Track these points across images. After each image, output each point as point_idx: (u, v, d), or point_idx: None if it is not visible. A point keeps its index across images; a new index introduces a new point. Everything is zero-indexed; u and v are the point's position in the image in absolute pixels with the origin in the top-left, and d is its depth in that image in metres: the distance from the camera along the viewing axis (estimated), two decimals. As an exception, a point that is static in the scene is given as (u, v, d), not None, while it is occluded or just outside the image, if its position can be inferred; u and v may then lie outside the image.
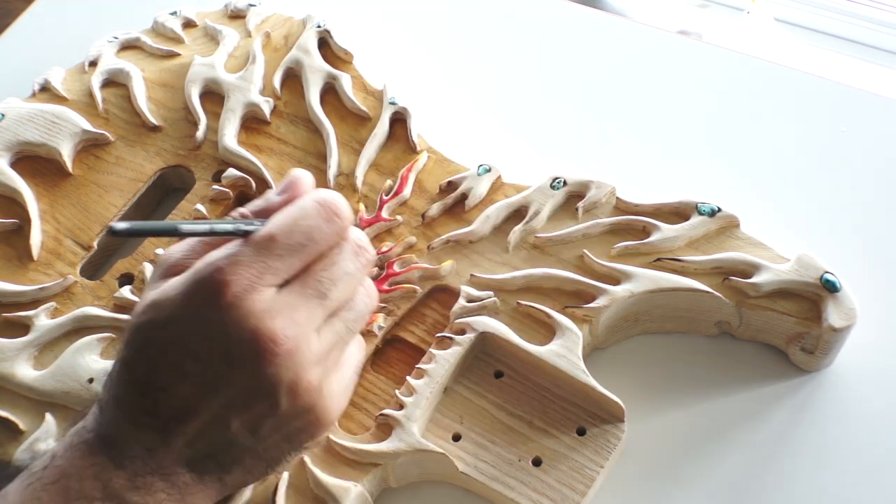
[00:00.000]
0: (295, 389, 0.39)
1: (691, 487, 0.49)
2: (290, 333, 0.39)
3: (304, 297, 0.40)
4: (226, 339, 0.38)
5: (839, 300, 0.49)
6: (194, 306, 0.38)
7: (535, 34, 0.70)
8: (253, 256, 0.39)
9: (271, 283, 0.39)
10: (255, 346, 0.38)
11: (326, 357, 0.41)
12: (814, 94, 0.64)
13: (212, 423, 0.39)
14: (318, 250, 0.40)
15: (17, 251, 0.59)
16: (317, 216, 0.40)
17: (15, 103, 0.64)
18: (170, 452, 0.40)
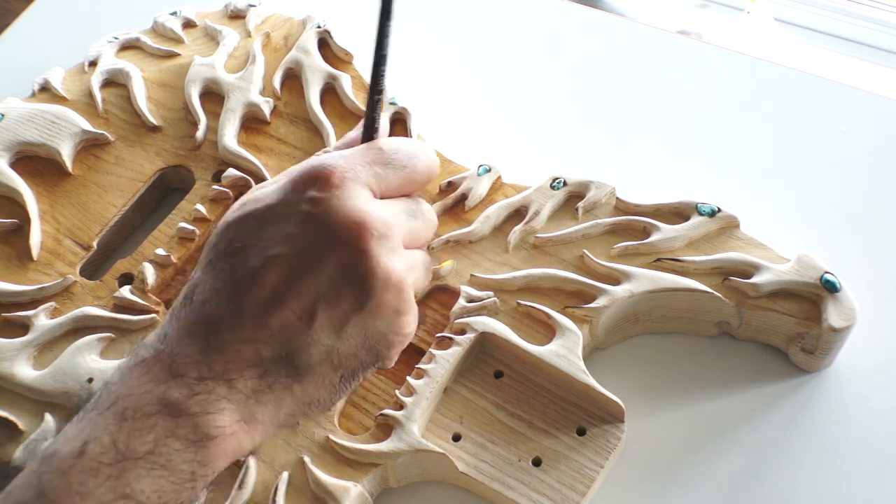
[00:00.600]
0: (388, 277, 0.40)
1: (691, 487, 0.49)
2: (392, 221, 0.41)
3: (398, 209, 0.42)
4: (327, 216, 0.39)
5: (839, 300, 0.49)
6: (299, 189, 0.40)
7: (535, 34, 0.70)
8: (360, 156, 0.42)
9: (372, 185, 0.41)
10: (356, 223, 0.39)
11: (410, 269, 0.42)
12: (814, 94, 0.64)
13: (298, 313, 0.38)
14: (412, 178, 0.43)
15: (17, 251, 0.59)
16: (418, 147, 0.44)
17: (15, 103, 0.64)
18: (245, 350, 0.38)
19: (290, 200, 0.40)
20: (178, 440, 0.37)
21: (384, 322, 0.41)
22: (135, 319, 0.54)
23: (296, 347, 0.39)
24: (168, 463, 0.37)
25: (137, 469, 0.36)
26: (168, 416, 0.37)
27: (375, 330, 0.41)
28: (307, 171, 0.41)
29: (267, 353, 0.38)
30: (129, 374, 0.38)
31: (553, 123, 0.65)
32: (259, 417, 0.39)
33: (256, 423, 0.39)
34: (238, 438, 0.39)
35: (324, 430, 0.49)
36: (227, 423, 0.38)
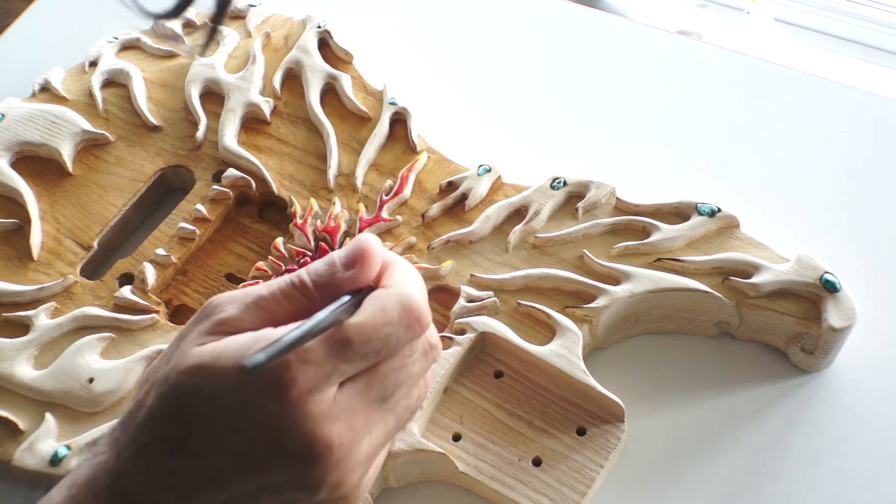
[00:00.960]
0: (337, 487, 0.38)
1: (691, 487, 0.49)
2: (346, 440, 0.37)
3: (365, 402, 0.38)
4: (278, 433, 0.36)
5: (839, 300, 0.49)
6: (252, 392, 0.36)
7: (535, 34, 0.70)
8: (325, 358, 0.37)
9: (335, 383, 0.37)
10: (308, 448, 0.36)
11: (373, 455, 0.39)
12: (814, 94, 0.64)
13: (241, 497, 0.37)
14: (389, 356, 0.38)
15: (17, 251, 0.59)
16: (398, 324, 0.38)
17: (15, 103, 0.64)
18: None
19: (243, 400, 0.36)
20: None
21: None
22: (135, 319, 0.54)
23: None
24: None
25: None
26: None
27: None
28: (265, 374, 0.36)
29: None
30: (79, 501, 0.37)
31: (553, 123, 0.65)
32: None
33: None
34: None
35: (324, 430, 0.49)
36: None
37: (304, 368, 0.36)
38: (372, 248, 0.39)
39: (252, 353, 0.35)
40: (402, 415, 0.40)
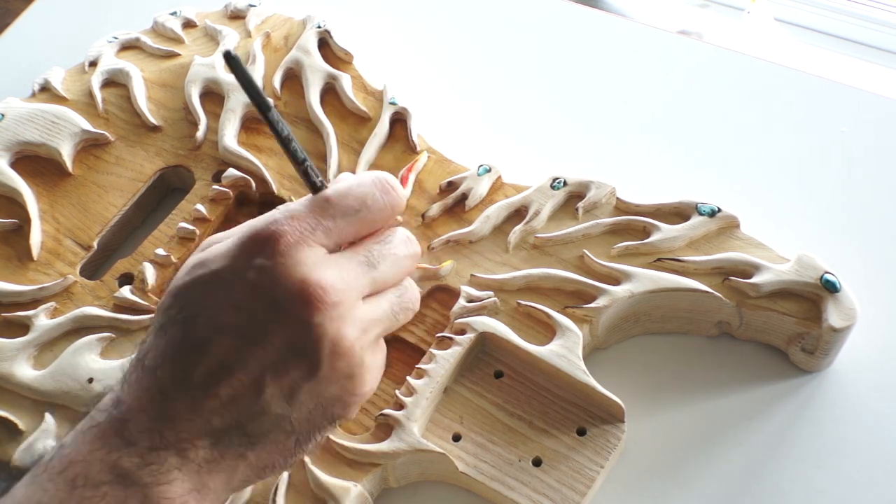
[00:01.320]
0: (337, 347, 0.39)
1: (691, 487, 0.49)
2: (340, 286, 0.39)
3: (353, 262, 0.41)
4: (274, 287, 0.38)
5: (839, 300, 0.49)
6: (245, 255, 0.39)
7: (535, 34, 0.70)
8: (307, 213, 0.40)
9: (323, 242, 0.40)
10: (303, 293, 0.38)
11: (368, 328, 0.41)
12: (814, 94, 0.64)
13: (246, 384, 0.38)
14: (371, 219, 0.41)
15: (17, 251, 0.59)
16: (371, 185, 0.42)
17: (15, 103, 0.64)
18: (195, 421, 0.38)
19: (236, 268, 0.38)
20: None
21: (337, 387, 0.40)
22: (135, 319, 0.54)
23: (246, 417, 0.38)
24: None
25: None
26: (119, 486, 0.37)
27: (329, 395, 0.40)
28: (253, 235, 0.39)
29: (218, 422, 0.38)
30: (82, 439, 0.38)
31: (553, 123, 0.65)
32: (211, 485, 0.39)
33: (208, 491, 0.39)
34: None
35: (324, 430, 0.49)
36: (177, 494, 0.38)
37: (289, 221, 0.39)
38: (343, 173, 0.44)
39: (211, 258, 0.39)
40: (396, 302, 0.43)
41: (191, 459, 0.38)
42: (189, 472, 0.38)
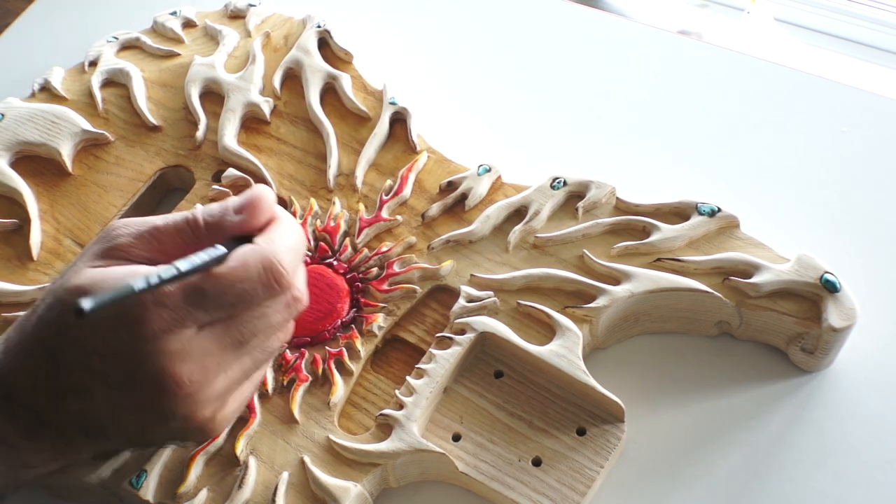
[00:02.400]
0: (187, 420, 0.41)
1: (691, 487, 0.49)
2: (196, 378, 0.40)
3: (221, 346, 0.40)
4: (133, 365, 0.39)
5: (839, 300, 0.49)
6: (114, 325, 0.39)
7: (535, 34, 0.70)
8: (180, 303, 0.39)
9: (190, 327, 0.39)
10: (158, 382, 0.39)
11: (228, 392, 0.42)
12: (814, 94, 0.64)
13: (106, 409, 0.40)
14: (246, 308, 0.40)
15: (17, 251, 0.59)
16: (256, 281, 0.40)
17: (15, 103, 0.64)
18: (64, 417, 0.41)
19: (105, 328, 0.39)
20: None
21: (190, 434, 0.42)
22: (135, 319, 0.54)
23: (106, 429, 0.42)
24: None
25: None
26: None
27: (181, 437, 0.43)
28: (125, 311, 0.38)
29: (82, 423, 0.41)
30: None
31: (553, 123, 0.65)
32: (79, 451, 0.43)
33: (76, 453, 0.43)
34: (55, 464, 0.43)
35: (324, 430, 0.49)
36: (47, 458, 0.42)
37: (158, 310, 0.38)
38: (263, 198, 0.42)
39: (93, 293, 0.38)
40: (260, 356, 0.43)
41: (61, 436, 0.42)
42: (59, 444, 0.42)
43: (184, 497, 0.48)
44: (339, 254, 0.55)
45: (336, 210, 0.57)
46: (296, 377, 0.51)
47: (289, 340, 0.45)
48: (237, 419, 0.50)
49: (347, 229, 0.56)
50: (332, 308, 0.53)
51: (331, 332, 0.53)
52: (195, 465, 0.49)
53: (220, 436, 0.49)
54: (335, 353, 0.52)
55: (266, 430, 0.50)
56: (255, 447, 0.49)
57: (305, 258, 0.55)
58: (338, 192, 0.58)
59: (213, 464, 0.49)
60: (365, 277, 0.54)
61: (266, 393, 0.51)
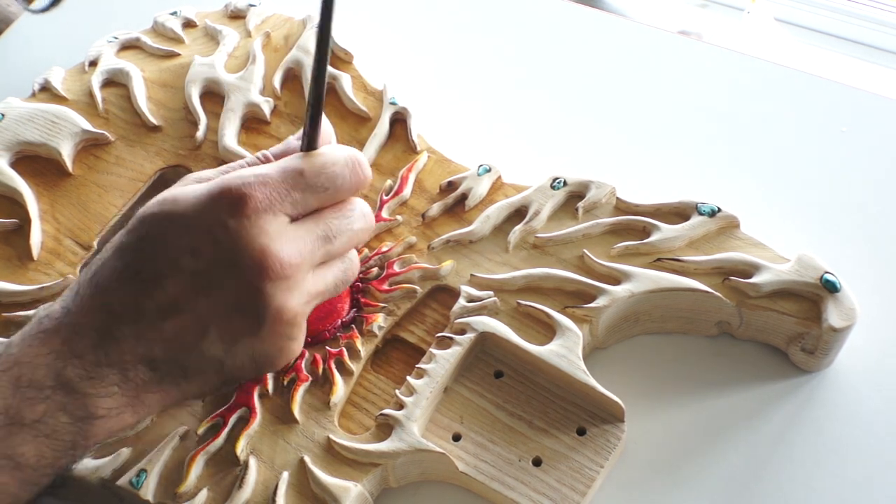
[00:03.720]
0: (280, 314, 0.41)
1: (691, 487, 0.49)
2: (293, 261, 0.41)
3: (313, 235, 0.42)
4: (234, 247, 0.40)
5: (839, 300, 0.49)
6: (213, 208, 0.40)
7: (535, 34, 0.70)
8: (279, 182, 0.41)
9: (288, 212, 0.41)
10: (260, 262, 0.40)
11: (311, 299, 0.44)
12: (814, 94, 0.64)
13: (191, 326, 0.41)
14: (337, 196, 0.43)
15: (17, 251, 0.59)
16: (344, 165, 0.43)
17: (15, 103, 0.64)
18: (138, 347, 0.41)
19: (203, 217, 0.41)
20: (66, 414, 0.40)
21: (273, 347, 0.43)
22: (135, 319, 0.54)
23: (186, 354, 0.42)
24: (53, 433, 0.39)
25: (23, 434, 0.39)
26: (61, 392, 0.40)
27: (263, 352, 0.43)
28: (225, 190, 0.41)
29: (159, 353, 0.41)
30: (29, 342, 0.40)
31: (553, 123, 0.65)
32: (146, 402, 0.43)
33: (143, 406, 0.42)
34: (123, 418, 0.42)
35: (324, 430, 0.49)
36: (114, 406, 0.41)
37: (260, 188, 0.41)
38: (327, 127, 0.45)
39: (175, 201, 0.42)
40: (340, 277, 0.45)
41: (130, 379, 0.41)
42: (127, 389, 0.41)
43: (184, 497, 0.48)
44: (339, 254, 0.55)
45: (336, 210, 0.57)
46: (296, 377, 0.51)
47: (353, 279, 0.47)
48: (237, 419, 0.50)
49: (347, 229, 0.56)
50: (333, 308, 0.53)
51: (331, 332, 0.53)
52: (195, 465, 0.49)
53: (221, 435, 0.49)
54: (335, 353, 0.52)
55: (266, 430, 0.50)
56: (256, 447, 0.49)
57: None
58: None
59: (213, 464, 0.49)
60: (365, 277, 0.54)
61: (266, 393, 0.51)
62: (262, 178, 0.41)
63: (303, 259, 0.42)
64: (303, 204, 0.42)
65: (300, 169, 0.42)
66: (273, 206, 0.41)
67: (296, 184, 0.42)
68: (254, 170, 0.42)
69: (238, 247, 0.40)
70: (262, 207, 0.40)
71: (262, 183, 0.41)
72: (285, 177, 0.42)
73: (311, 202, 0.43)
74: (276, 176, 0.42)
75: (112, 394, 0.41)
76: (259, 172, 0.41)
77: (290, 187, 0.42)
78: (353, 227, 0.44)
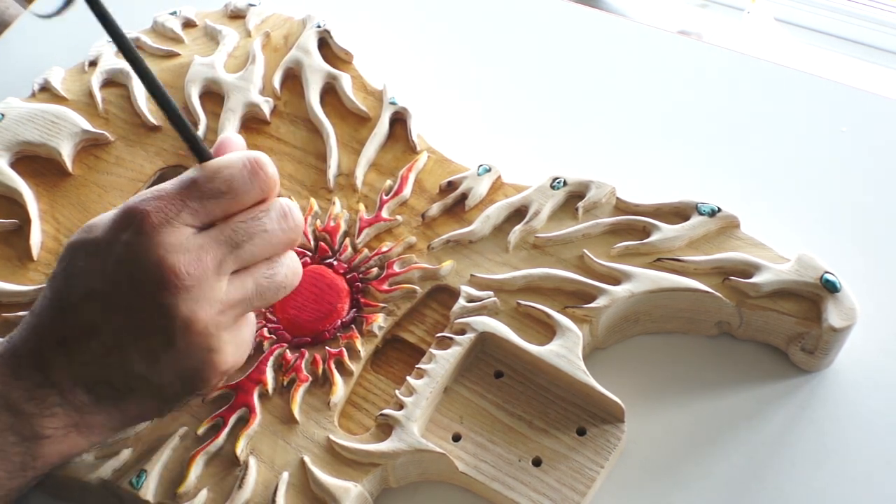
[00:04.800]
0: (189, 326, 0.41)
1: (691, 487, 0.49)
2: (193, 271, 0.41)
3: (216, 242, 0.42)
4: (134, 264, 0.41)
5: (839, 300, 0.49)
6: (115, 229, 0.41)
7: (535, 34, 0.70)
8: (174, 194, 0.41)
9: (189, 223, 0.41)
10: (157, 275, 0.40)
11: (229, 308, 0.43)
12: (814, 94, 0.64)
13: (111, 346, 0.41)
14: (239, 200, 0.43)
15: (17, 251, 0.59)
16: (240, 167, 0.42)
17: (15, 103, 0.64)
18: (70, 369, 0.42)
19: (109, 239, 0.42)
20: (13, 434, 0.42)
21: (195, 361, 0.43)
22: (135, 319, 0.54)
23: (113, 374, 0.42)
24: (2, 453, 0.41)
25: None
26: (7, 413, 0.41)
27: (187, 367, 0.43)
28: (125, 211, 0.42)
29: (88, 374, 0.42)
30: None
31: (553, 123, 0.65)
32: (91, 423, 0.43)
33: (89, 428, 0.43)
34: (72, 439, 0.43)
35: (324, 430, 0.49)
36: (59, 426, 0.42)
37: (155, 203, 0.41)
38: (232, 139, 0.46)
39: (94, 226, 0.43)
40: (265, 286, 0.44)
41: (70, 401, 0.42)
42: (69, 409, 0.42)
43: (184, 497, 0.48)
44: (339, 254, 0.55)
45: (336, 210, 0.57)
46: (296, 377, 0.51)
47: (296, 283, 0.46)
48: (237, 420, 0.50)
49: (347, 229, 0.56)
50: (332, 308, 0.53)
51: (331, 332, 0.53)
52: (195, 465, 0.49)
53: (221, 435, 0.49)
54: (335, 353, 0.52)
55: (266, 431, 0.50)
56: (256, 447, 0.49)
57: (305, 259, 0.55)
58: (338, 192, 0.58)
59: (213, 464, 0.49)
60: (365, 277, 0.54)
61: (266, 393, 0.51)
62: (158, 193, 0.42)
63: (205, 268, 0.41)
64: (203, 212, 0.42)
65: (193, 178, 0.42)
66: (170, 218, 0.41)
67: (190, 193, 0.42)
68: (155, 188, 0.42)
69: (136, 262, 0.41)
70: (159, 221, 0.41)
71: (157, 198, 0.41)
72: (180, 187, 0.42)
73: (213, 209, 0.42)
74: (171, 188, 0.42)
75: (55, 414, 0.42)
76: (156, 188, 0.42)
77: (184, 197, 0.41)
78: (265, 227, 0.43)
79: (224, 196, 0.42)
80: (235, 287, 0.43)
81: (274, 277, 0.44)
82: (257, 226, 0.43)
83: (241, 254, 0.42)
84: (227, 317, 0.43)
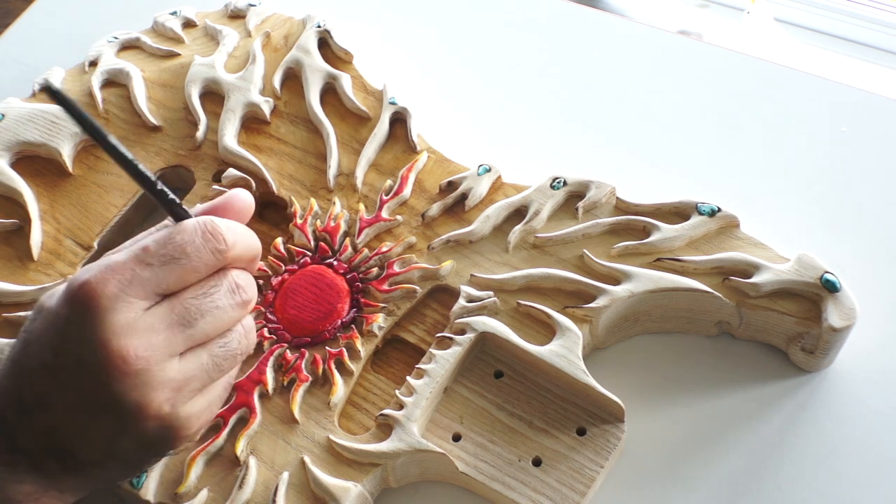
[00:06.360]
0: (141, 412, 0.39)
1: (691, 487, 0.49)
2: (143, 354, 0.39)
3: (166, 322, 0.40)
4: (80, 346, 0.39)
5: (839, 300, 0.49)
6: (64, 305, 0.39)
7: (535, 34, 0.70)
8: (124, 264, 0.39)
9: (139, 296, 0.39)
10: (104, 358, 0.38)
11: (185, 385, 0.40)
12: (814, 94, 0.64)
13: (66, 421, 0.40)
14: (192, 267, 0.40)
15: (17, 251, 0.59)
16: (192, 233, 0.40)
17: (15, 103, 0.64)
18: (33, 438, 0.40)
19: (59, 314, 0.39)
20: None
21: (155, 437, 0.41)
22: (135, 319, 0.54)
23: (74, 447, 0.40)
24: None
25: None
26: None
27: (148, 441, 0.41)
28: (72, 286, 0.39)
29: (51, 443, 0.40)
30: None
31: (553, 123, 0.65)
32: (65, 488, 0.42)
33: (64, 491, 0.42)
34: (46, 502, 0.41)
35: (324, 430, 0.49)
36: (31, 491, 0.40)
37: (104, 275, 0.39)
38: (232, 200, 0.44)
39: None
40: (220, 353, 0.42)
41: (39, 468, 0.41)
42: (39, 476, 0.41)
43: (184, 497, 0.48)
44: (339, 254, 0.55)
45: (336, 210, 0.57)
46: (296, 377, 0.51)
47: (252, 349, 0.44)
48: (237, 420, 0.50)
49: (347, 229, 0.56)
50: (332, 308, 0.53)
51: (331, 332, 0.53)
52: (195, 465, 0.49)
53: (221, 435, 0.49)
54: (335, 353, 0.52)
55: (266, 431, 0.50)
56: (256, 447, 0.49)
57: (306, 258, 0.55)
58: (338, 192, 0.58)
59: (214, 464, 0.49)
60: (365, 277, 0.54)
61: (266, 393, 0.51)
62: (109, 265, 0.39)
63: (153, 351, 0.39)
64: (154, 282, 0.39)
65: (145, 244, 0.40)
66: (118, 294, 0.38)
67: (141, 260, 0.39)
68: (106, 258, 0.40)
69: (83, 345, 0.38)
70: (108, 297, 0.38)
71: (108, 270, 0.39)
72: (131, 256, 0.39)
73: (166, 277, 0.40)
74: (122, 258, 0.39)
75: (25, 480, 0.40)
76: (108, 259, 0.40)
77: (135, 265, 0.39)
78: (217, 304, 0.41)
79: (177, 262, 0.40)
80: (189, 364, 0.41)
81: (228, 345, 0.42)
82: (209, 303, 0.41)
83: (192, 333, 0.40)
84: (183, 394, 0.41)
